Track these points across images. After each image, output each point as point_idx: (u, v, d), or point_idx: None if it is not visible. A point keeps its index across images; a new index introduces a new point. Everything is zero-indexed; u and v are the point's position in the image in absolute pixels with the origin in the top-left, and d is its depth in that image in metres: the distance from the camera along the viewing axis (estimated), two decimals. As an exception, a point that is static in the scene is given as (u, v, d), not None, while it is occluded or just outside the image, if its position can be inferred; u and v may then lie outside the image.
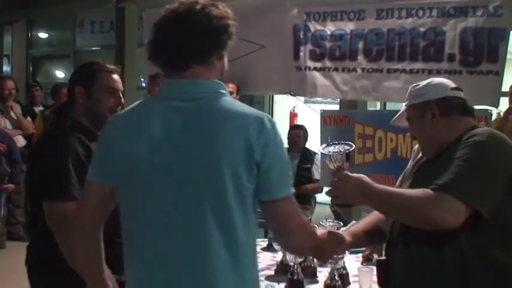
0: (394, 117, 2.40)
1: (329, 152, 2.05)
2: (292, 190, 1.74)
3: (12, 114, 6.36)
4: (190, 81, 1.72)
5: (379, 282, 2.28)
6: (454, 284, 1.94)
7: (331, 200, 2.08)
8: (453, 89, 2.16)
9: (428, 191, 1.88)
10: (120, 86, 2.54)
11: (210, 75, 1.74)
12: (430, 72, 4.80)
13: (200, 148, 1.64)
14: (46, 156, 2.39)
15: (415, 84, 2.25)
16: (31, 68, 11.81)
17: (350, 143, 2.09)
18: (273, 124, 1.69)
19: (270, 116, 1.71)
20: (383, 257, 2.30)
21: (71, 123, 2.49)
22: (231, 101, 1.73)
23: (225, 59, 1.81)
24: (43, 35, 12.27)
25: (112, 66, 2.55)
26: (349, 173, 2.00)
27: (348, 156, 2.05)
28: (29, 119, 6.68)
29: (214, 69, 1.76)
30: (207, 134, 1.64)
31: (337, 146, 2.06)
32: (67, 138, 2.40)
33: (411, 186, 2.09)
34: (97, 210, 1.82)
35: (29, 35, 11.99)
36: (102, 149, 1.80)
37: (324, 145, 2.11)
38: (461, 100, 2.14)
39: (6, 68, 11.94)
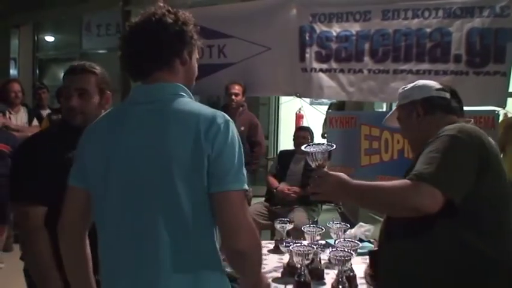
0: (385, 118, 2.57)
1: (311, 150, 2.12)
2: (245, 187, 1.71)
3: (13, 126, 6.32)
4: (151, 85, 1.79)
5: (372, 272, 2.41)
6: (433, 272, 2.01)
7: (311, 196, 2.14)
8: (438, 89, 2.31)
9: (405, 180, 1.96)
10: (77, 84, 2.40)
11: (174, 79, 1.80)
12: (437, 73, 4.79)
13: (151, 147, 1.69)
14: (14, 157, 2.43)
15: (403, 86, 2.40)
16: (38, 71, 11.84)
17: (331, 143, 2.20)
18: (226, 121, 1.71)
19: (225, 114, 1.74)
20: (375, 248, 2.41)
21: (58, 125, 2.51)
22: (187, 102, 1.77)
23: (193, 63, 1.87)
24: (49, 38, 12.30)
25: (76, 65, 2.43)
26: (329, 171, 2.10)
27: (330, 155, 2.16)
28: (35, 121, 6.68)
29: (178, 74, 1.82)
30: (159, 132, 1.69)
31: (317, 146, 2.15)
32: (38, 141, 2.43)
33: None
34: (78, 213, 1.88)
35: (36, 38, 12.02)
36: (77, 154, 1.87)
37: (306, 145, 2.19)
38: (446, 100, 2.29)
39: (13, 71, 11.97)
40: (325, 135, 6.40)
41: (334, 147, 2.17)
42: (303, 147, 2.21)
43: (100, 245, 1.82)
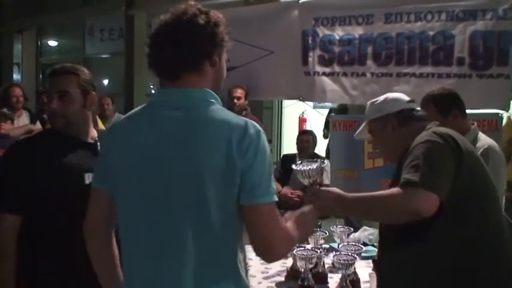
0: (357, 132, 2.65)
1: (303, 169, 2.20)
2: (275, 198, 1.69)
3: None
4: (180, 90, 1.73)
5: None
6: (432, 274, 2.05)
7: None
8: (408, 102, 2.44)
9: (397, 189, 2.01)
10: (57, 86, 2.32)
11: (202, 83, 1.75)
12: (440, 76, 4.79)
13: (182, 156, 1.64)
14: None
15: (373, 100, 2.51)
16: (41, 76, 11.87)
17: (322, 159, 2.33)
18: (257, 131, 1.67)
19: (256, 124, 1.69)
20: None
21: (46, 130, 2.49)
22: (218, 110, 1.72)
23: (222, 64, 1.82)
24: (53, 42, 12.35)
25: (58, 67, 2.37)
26: (323, 188, 2.19)
27: (322, 171, 2.23)
28: (38, 124, 6.66)
29: (207, 76, 1.76)
30: (190, 142, 1.64)
31: (308, 164, 2.22)
32: (22, 147, 2.37)
33: None
34: (102, 215, 1.85)
35: (39, 43, 12.06)
36: (100, 155, 1.85)
37: (296, 164, 2.27)
38: (416, 110, 2.42)
39: (16, 76, 12.01)
40: (328, 137, 6.38)
41: (326, 163, 2.25)
42: (293, 167, 2.25)
43: (122, 250, 1.80)
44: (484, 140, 3.25)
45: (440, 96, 3.27)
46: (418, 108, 2.46)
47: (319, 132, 6.33)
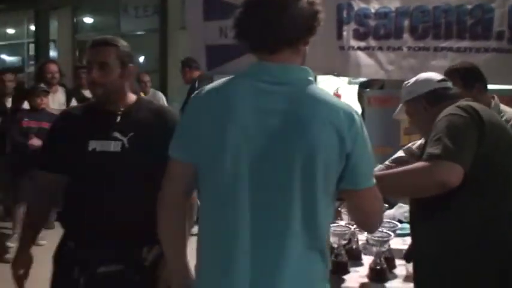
0: (395, 113, 2.73)
1: None
2: (374, 181, 1.78)
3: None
4: (280, 65, 1.72)
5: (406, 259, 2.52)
6: (456, 249, 2.08)
7: None
8: (440, 81, 2.44)
9: (421, 162, 2.06)
10: (97, 57, 2.41)
11: (297, 60, 1.76)
12: (478, 51, 4.67)
13: (294, 136, 1.64)
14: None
15: (406, 81, 2.54)
16: (77, 53, 11.99)
17: None
18: (360, 117, 1.71)
19: (356, 109, 1.72)
20: None
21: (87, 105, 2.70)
22: (320, 90, 1.74)
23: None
24: (88, 19, 12.44)
25: (98, 39, 2.50)
26: None
27: None
28: (74, 101, 6.73)
29: (300, 53, 1.78)
30: (300, 122, 1.64)
31: None
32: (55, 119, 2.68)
33: None
34: (181, 188, 1.82)
35: (74, 20, 12.16)
36: (185, 125, 1.80)
37: None
38: (449, 89, 2.42)
39: (53, 53, 12.18)
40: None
41: None
42: None
43: (206, 222, 1.76)
44: (510, 112, 3.23)
45: (465, 70, 3.25)
46: (452, 87, 2.44)
47: (354, 108, 6.25)
